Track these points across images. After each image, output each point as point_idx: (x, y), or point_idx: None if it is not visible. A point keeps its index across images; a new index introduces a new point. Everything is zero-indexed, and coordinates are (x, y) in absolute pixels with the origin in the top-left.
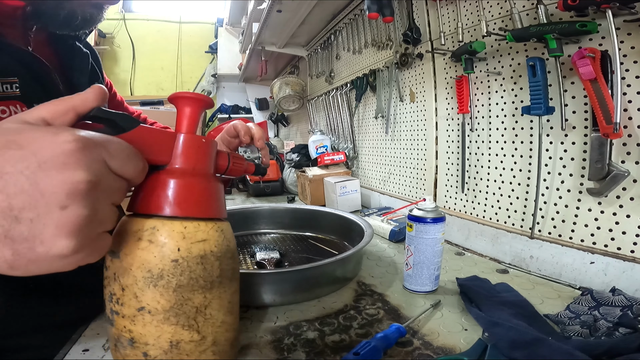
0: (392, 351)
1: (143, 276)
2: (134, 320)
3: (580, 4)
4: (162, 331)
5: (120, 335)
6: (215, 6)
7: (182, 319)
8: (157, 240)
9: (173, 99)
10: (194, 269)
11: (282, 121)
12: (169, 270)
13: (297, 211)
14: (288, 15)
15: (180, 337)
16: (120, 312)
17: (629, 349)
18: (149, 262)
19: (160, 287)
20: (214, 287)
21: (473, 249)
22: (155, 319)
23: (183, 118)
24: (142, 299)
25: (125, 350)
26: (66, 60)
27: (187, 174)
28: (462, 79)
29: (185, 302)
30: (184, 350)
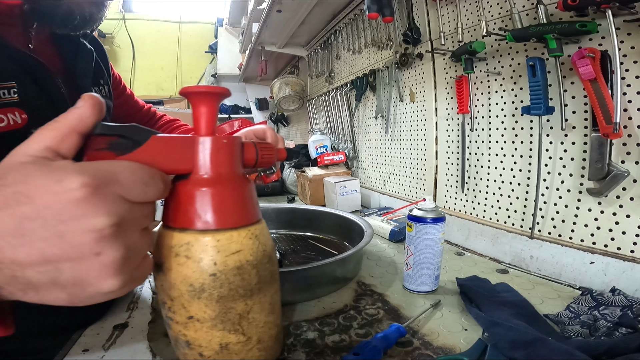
0: (392, 351)
1: (187, 290)
2: (186, 327)
3: (580, 4)
4: (212, 336)
5: (178, 337)
6: (215, 6)
7: (228, 325)
8: (193, 256)
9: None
10: (232, 281)
11: (282, 121)
12: (209, 284)
13: (297, 211)
14: (288, 15)
15: (229, 340)
16: (174, 318)
17: (629, 349)
18: (189, 277)
19: (204, 299)
20: (253, 294)
21: (473, 249)
22: (204, 326)
23: (200, 117)
24: (190, 309)
25: (184, 350)
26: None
27: (213, 182)
28: (462, 79)
29: (228, 310)
30: (232, 350)
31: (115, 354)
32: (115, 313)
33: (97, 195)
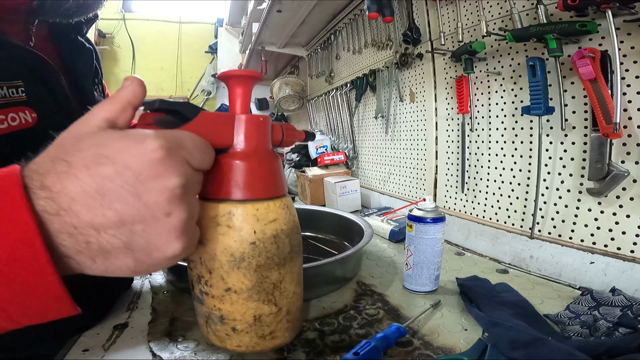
0: (392, 351)
1: (227, 260)
2: (222, 300)
3: (580, 4)
4: (247, 307)
5: (211, 313)
6: (215, 6)
7: (263, 295)
8: (234, 225)
9: (224, 78)
10: (269, 249)
11: (282, 121)
12: (249, 252)
13: (297, 211)
14: (288, 15)
15: (262, 312)
16: (210, 292)
17: (629, 349)
18: (230, 247)
19: (243, 269)
20: (286, 262)
21: (473, 249)
22: (240, 298)
23: (236, 98)
24: (228, 281)
25: (217, 326)
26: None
27: (251, 155)
28: (462, 79)
29: (264, 280)
30: (264, 322)
31: (115, 354)
32: (115, 313)
33: (171, 157)
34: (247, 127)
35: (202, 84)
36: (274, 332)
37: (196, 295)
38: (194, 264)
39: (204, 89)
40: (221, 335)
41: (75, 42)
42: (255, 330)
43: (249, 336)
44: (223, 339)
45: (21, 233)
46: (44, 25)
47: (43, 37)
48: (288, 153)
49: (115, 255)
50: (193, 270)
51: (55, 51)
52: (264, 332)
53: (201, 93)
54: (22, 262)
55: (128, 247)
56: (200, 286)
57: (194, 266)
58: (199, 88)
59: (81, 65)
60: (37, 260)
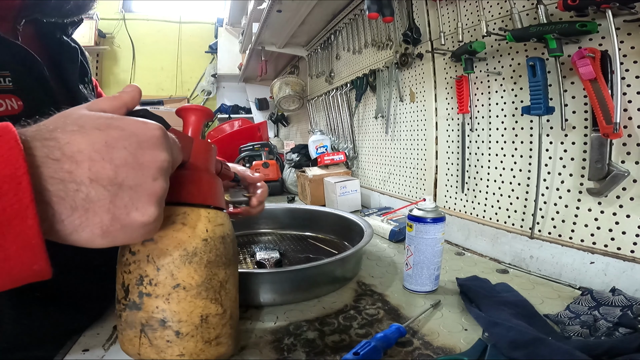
0: (392, 351)
1: (180, 254)
2: (168, 299)
3: (580, 4)
4: (194, 306)
5: (151, 317)
6: (215, 6)
7: (211, 292)
8: (189, 223)
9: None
10: (219, 247)
11: (282, 121)
12: (201, 248)
13: (297, 211)
14: (288, 15)
15: (209, 311)
16: (154, 292)
17: (629, 349)
18: (184, 242)
19: (194, 264)
20: (230, 264)
21: (473, 249)
22: (189, 295)
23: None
24: (178, 276)
25: (156, 332)
26: (55, 55)
27: (204, 171)
28: (462, 79)
29: (213, 276)
30: (211, 323)
31: (115, 354)
32: (115, 313)
33: (166, 138)
34: (203, 149)
35: (202, 84)
36: (219, 337)
37: (131, 302)
38: (137, 264)
39: (204, 89)
40: (160, 344)
41: (60, 41)
42: (201, 333)
43: (193, 341)
44: (162, 349)
45: (10, 169)
46: (30, 26)
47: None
48: (288, 153)
49: (96, 209)
50: (133, 272)
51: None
52: (210, 336)
53: (201, 93)
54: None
55: (111, 202)
56: (141, 288)
57: (136, 267)
58: (199, 88)
59: (66, 62)
60: (19, 200)
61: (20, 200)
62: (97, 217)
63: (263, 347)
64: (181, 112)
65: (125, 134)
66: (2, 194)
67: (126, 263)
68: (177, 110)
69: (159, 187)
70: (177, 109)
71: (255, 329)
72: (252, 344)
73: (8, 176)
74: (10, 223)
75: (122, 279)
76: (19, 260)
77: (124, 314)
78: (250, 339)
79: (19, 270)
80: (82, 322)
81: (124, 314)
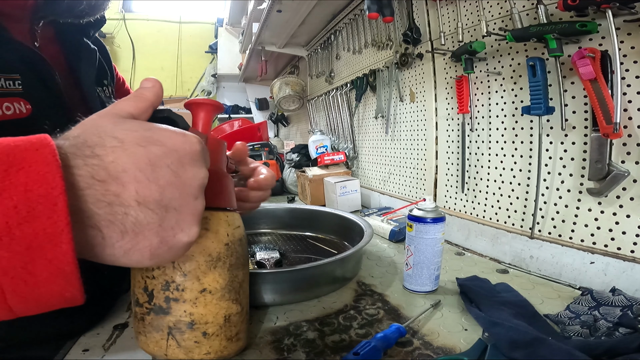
0: (392, 351)
1: (205, 260)
2: (195, 303)
3: (580, 4)
4: (219, 308)
5: (179, 321)
6: (215, 6)
7: (232, 294)
8: (211, 228)
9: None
10: (238, 250)
11: (282, 121)
12: (224, 252)
13: (297, 211)
14: (288, 15)
15: (231, 311)
16: (181, 297)
17: (629, 349)
18: (208, 247)
19: (219, 268)
20: (246, 263)
21: (473, 249)
22: (214, 298)
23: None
24: (204, 281)
25: (184, 335)
26: (72, 57)
27: (218, 171)
28: (462, 79)
29: (234, 278)
30: (233, 322)
31: (115, 354)
32: (115, 313)
33: (204, 152)
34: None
35: (202, 84)
36: (239, 334)
37: (157, 306)
38: (162, 270)
39: (204, 89)
40: (188, 344)
41: (79, 43)
42: (224, 332)
43: (218, 340)
44: (190, 349)
45: (46, 189)
46: (50, 27)
47: (49, 39)
48: (288, 153)
49: (145, 232)
50: (157, 277)
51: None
52: (232, 334)
53: (201, 93)
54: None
55: (160, 225)
56: (167, 293)
57: (161, 273)
58: (199, 88)
59: (83, 65)
60: (54, 224)
61: (55, 223)
62: (147, 241)
63: (263, 347)
64: (191, 106)
65: (167, 151)
66: (36, 216)
67: (148, 269)
68: (186, 104)
69: (200, 206)
70: (186, 102)
71: (255, 329)
72: (252, 344)
73: (43, 196)
74: (42, 248)
75: (145, 284)
76: (49, 287)
77: (148, 317)
78: (250, 339)
79: (49, 298)
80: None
81: (148, 317)
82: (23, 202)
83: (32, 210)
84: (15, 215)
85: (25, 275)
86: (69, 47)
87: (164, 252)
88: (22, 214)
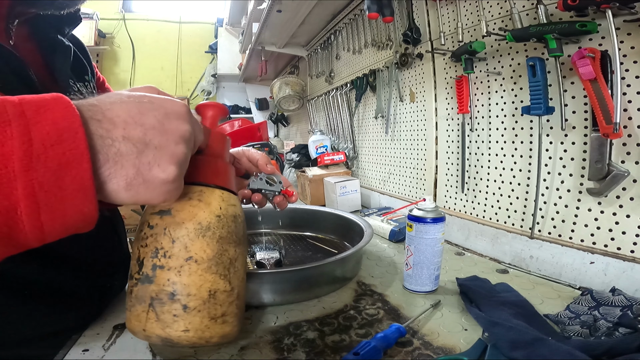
0: (392, 351)
1: (194, 227)
2: (180, 271)
3: (580, 4)
4: (204, 280)
5: (161, 290)
6: (215, 6)
7: (220, 268)
8: (204, 199)
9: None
10: (230, 225)
11: (282, 121)
12: (215, 223)
13: (297, 211)
14: (288, 15)
15: (217, 287)
16: (167, 264)
17: (629, 349)
18: (198, 216)
19: (207, 238)
20: (240, 243)
21: (473, 249)
22: (200, 268)
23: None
24: (192, 249)
25: (164, 306)
26: (47, 54)
27: (219, 157)
28: (462, 79)
29: (223, 252)
30: (218, 299)
31: (115, 354)
32: (115, 313)
33: (189, 114)
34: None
35: (202, 84)
36: (225, 315)
37: (144, 275)
38: (154, 237)
39: (204, 89)
40: (166, 318)
41: (54, 40)
42: (207, 308)
43: (200, 316)
44: (168, 324)
45: (69, 122)
46: (24, 26)
47: (23, 37)
48: (288, 153)
49: (123, 162)
50: (149, 245)
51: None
52: (216, 313)
53: (201, 93)
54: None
55: (137, 157)
56: (155, 260)
57: (152, 240)
58: (199, 88)
59: (58, 60)
60: (77, 147)
61: (78, 146)
62: (124, 170)
63: (263, 347)
64: (200, 109)
65: (155, 106)
66: (63, 140)
67: (143, 237)
68: (196, 107)
69: (180, 151)
70: (197, 106)
71: (255, 329)
72: (252, 344)
73: (67, 127)
74: (69, 165)
75: (138, 254)
76: (73, 201)
77: (135, 289)
78: (250, 339)
79: (72, 213)
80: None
81: (135, 289)
82: (54, 130)
83: (60, 136)
84: (49, 139)
85: (55, 189)
86: (43, 44)
87: (139, 184)
88: (53, 138)
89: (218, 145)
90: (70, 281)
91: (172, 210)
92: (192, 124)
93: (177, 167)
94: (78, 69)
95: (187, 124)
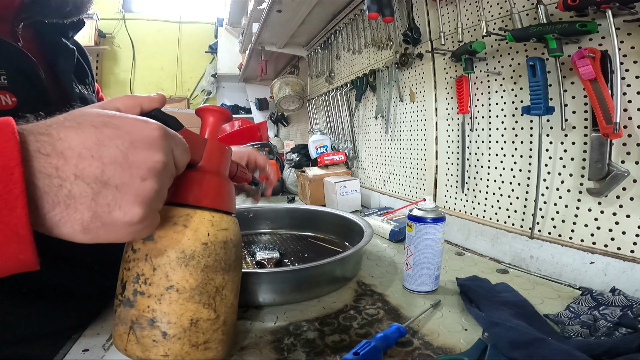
0: (392, 351)
1: (177, 256)
2: (160, 300)
3: (580, 4)
4: (185, 309)
5: (141, 315)
6: (215, 6)
7: (204, 297)
8: (190, 225)
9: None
10: (218, 252)
11: (282, 121)
12: (200, 252)
13: (297, 211)
14: (288, 15)
15: (200, 315)
16: (147, 292)
17: (629, 349)
18: (183, 244)
19: (191, 267)
20: (230, 270)
21: (473, 249)
22: (181, 297)
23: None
24: (173, 278)
25: (143, 331)
26: (51, 56)
27: (214, 173)
28: (462, 79)
29: (209, 281)
30: (200, 328)
31: (115, 354)
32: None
33: (164, 139)
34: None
35: (202, 84)
36: (207, 342)
37: (126, 298)
38: (136, 262)
39: (204, 89)
40: (146, 342)
41: (58, 43)
42: (188, 336)
43: (180, 343)
44: (147, 347)
45: (4, 159)
46: (29, 29)
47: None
48: (288, 153)
49: (77, 206)
50: (131, 269)
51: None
52: (198, 340)
53: (201, 93)
54: None
55: (93, 199)
56: (136, 286)
57: (134, 265)
58: (199, 88)
59: (61, 62)
60: (10, 191)
61: (11, 190)
62: (78, 214)
63: (263, 347)
64: (200, 113)
65: (120, 133)
66: None
67: (127, 260)
68: (196, 110)
69: (147, 188)
70: (196, 109)
71: (255, 329)
72: (252, 344)
73: (1, 167)
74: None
75: (122, 275)
76: (5, 250)
77: (119, 309)
78: (250, 339)
79: (5, 260)
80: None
81: (119, 309)
82: None
83: None
84: None
85: None
86: (48, 46)
87: (98, 227)
88: None
89: (215, 158)
90: (70, 281)
91: (154, 236)
92: (167, 151)
93: (143, 208)
94: (80, 72)
95: (158, 153)
